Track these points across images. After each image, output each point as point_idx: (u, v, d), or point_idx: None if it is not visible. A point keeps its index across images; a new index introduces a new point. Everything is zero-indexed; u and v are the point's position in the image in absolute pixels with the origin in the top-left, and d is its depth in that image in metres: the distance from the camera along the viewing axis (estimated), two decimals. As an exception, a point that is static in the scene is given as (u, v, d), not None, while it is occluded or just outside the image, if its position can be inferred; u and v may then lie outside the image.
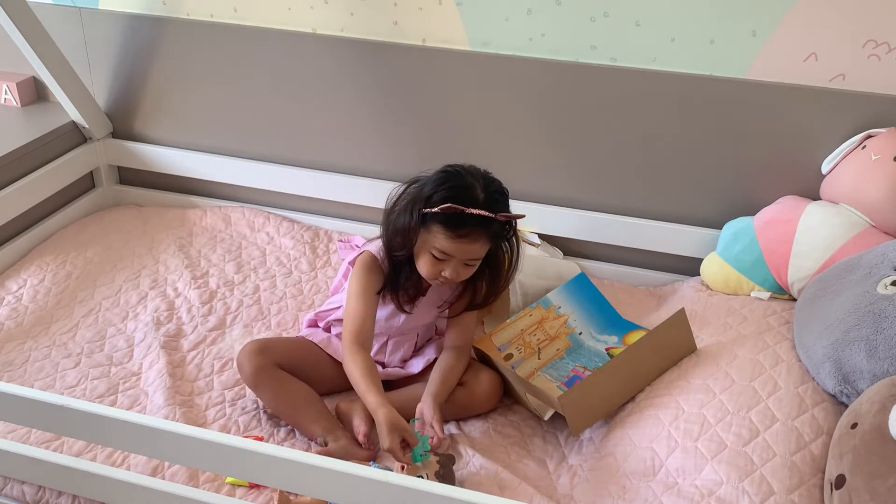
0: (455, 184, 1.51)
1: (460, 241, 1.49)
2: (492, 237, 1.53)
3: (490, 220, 1.49)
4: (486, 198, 1.50)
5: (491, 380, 1.63)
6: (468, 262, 1.53)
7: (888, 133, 1.73)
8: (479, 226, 1.49)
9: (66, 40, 2.19)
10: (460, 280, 1.56)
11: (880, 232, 1.72)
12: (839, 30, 1.74)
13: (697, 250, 1.96)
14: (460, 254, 1.51)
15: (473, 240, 1.50)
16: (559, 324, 1.75)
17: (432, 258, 1.52)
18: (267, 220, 2.25)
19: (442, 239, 1.49)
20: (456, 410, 1.60)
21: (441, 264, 1.52)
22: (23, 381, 1.69)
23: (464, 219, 1.48)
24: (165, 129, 2.31)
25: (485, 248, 1.54)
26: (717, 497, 1.30)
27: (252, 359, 1.56)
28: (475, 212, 1.47)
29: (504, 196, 1.55)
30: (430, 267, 1.53)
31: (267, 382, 1.56)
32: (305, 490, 1.23)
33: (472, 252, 1.52)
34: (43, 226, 2.19)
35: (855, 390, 1.42)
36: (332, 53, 2.06)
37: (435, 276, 1.54)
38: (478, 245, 1.51)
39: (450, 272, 1.52)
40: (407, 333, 1.69)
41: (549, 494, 1.43)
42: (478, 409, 1.62)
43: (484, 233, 1.50)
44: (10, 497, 1.44)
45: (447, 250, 1.50)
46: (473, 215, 1.47)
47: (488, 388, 1.62)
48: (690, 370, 1.54)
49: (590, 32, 1.88)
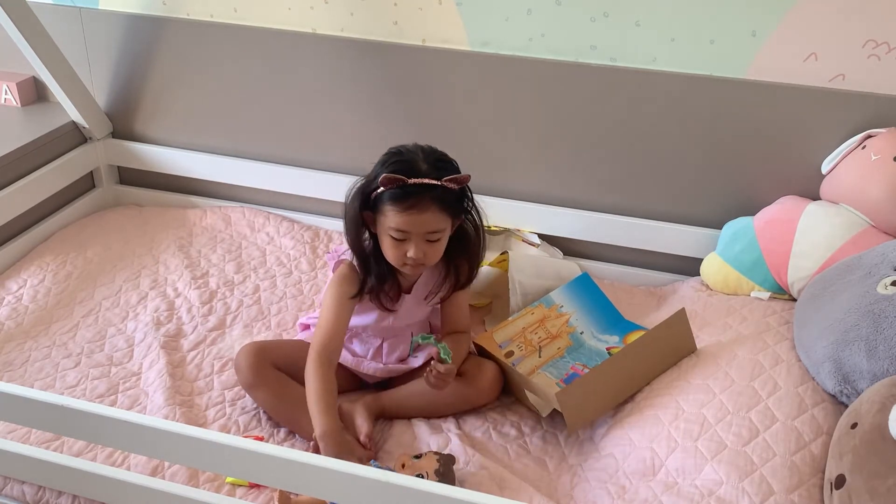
0: (396, 160, 1.51)
1: (410, 213, 1.46)
2: (444, 206, 1.50)
3: (436, 188, 1.47)
4: (429, 167, 1.49)
5: (493, 370, 1.63)
6: (429, 237, 1.50)
7: (888, 133, 1.73)
8: (425, 195, 1.47)
9: (66, 40, 2.19)
10: (430, 261, 1.53)
11: (880, 232, 1.72)
12: (839, 30, 1.74)
13: (697, 250, 1.96)
14: (414, 227, 1.48)
15: (422, 209, 1.47)
16: (561, 322, 1.75)
17: (392, 240, 1.50)
18: (267, 220, 2.25)
19: (393, 216, 1.48)
20: (458, 402, 1.60)
21: (402, 245, 1.50)
22: (23, 381, 1.69)
23: (409, 191, 1.46)
24: (165, 129, 2.31)
25: (441, 220, 1.50)
26: (717, 497, 1.30)
27: (249, 360, 1.57)
28: (416, 180, 1.46)
29: (448, 163, 1.53)
30: (394, 250, 1.51)
31: (264, 384, 1.56)
32: (306, 490, 1.23)
33: (426, 223, 1.48)
34: (43, 226, 2.19)
35: (855, 390, 1.42)
36: (332, 53, 2.06)
37: (401, 260, 1.52)
38: (429, 215, 1.48)
39: (413, 251, 1.49)
40: (400, 335, 1.69)
41: (549, 494, 1.43)
42: (480, 399, 1.62)
43: (433, 202, 1.47)
44: (10, 497, 1.44)
45: (400, 226, 1.47)
46: (417, 185, 1.46)
47: (491, 378, 1.62)
48: (690, 370, 1.54)
49: (590, 32, 1.88)
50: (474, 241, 1.62)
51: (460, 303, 1.69)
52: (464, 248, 1.61)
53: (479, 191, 2.07)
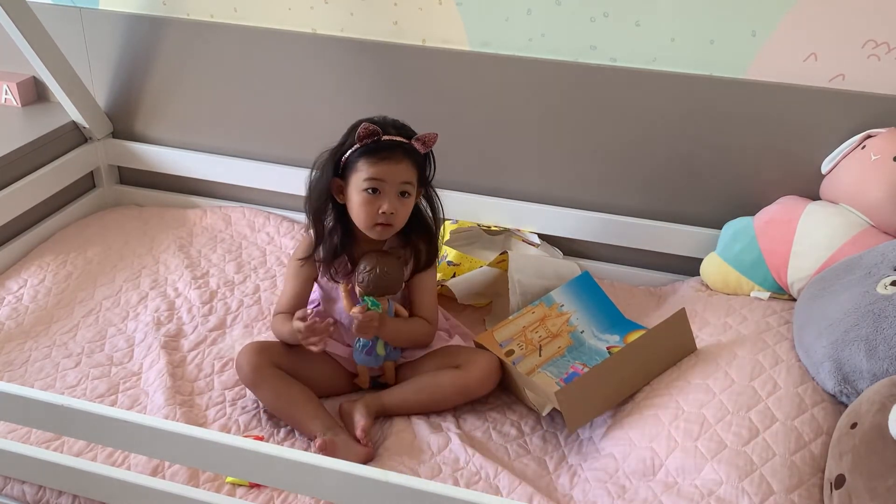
0: (366, 121, 1.59)
1: (386, 162, 1.55)
2: (414, 162, 1.58)
3: (407, 144, 1.57)
4: (397, 131, 1.59)
5: (487, 359, 1.61)
6: (402, 188, 1.57)
7: (888, 133, 1.73)
8: (398, 148, 1.56)
9: (66, 40, 2.19)
10: (398, 221, 1.59)
11: (880, 232, 1.72)
12: (839, 30, 1.74)
13: (697, 250, 1.96)
14: (389, 175, 1.55)
15: (398, 160, 1.55)
16: (561, 321, 1.75)
17: (365, 196, 1.56)
18: (267, 220, 2.25)
19: (367, 166, 1.55)
20: (455, 394, 1.60)
21: (377, 199, 1.56)
22: (23, 381, 1.69)
23: (382, 144, 1.56)
24: (165, 129, 2.31)
25: (412, 174, 1.58)
26: (717, 497, 1.30)
27: (251, 359, 1.57)
28: (389, 137, 1.55)
29: (409, 129, 1.62)
30: (367, 206, 1.56)
31: (266, 382, 1.57)
32: (306, 490, 1.23)
33: (400, 173, 1.56)
34: (43, 226, 2.19)
35: (855, 390, 1.42)
36: (332, 53, 2.06)
37: (373, 219, 1.57)
38: (403, 166, 1.56)
39: (387, 204, 1.55)
40: None
41: (548, 494, 1.43)
42: (477, 389, 1.61)
43: (405, 155, 1.56)
44: (10, 497, 1.44)
45: (377, 174, 1.55)
46: (389, 140, 1.56)
47: (485, 366, 1.60)
48: (690, 370, 1.54)
49: (590, 32, 1.88)
50: (430, 218, 1.68)
51: (424, 286, 1.70)
52: (421, 224, 1.67)
53: (479, 191, 2.09)
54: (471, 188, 2.09)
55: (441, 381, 1.59)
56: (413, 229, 1.66)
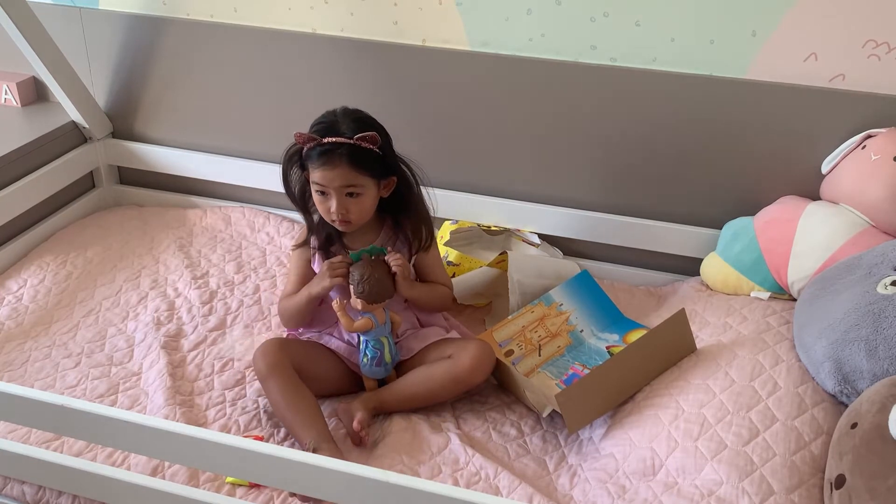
0: (318, 121, 1.63)
1: (323, 168, 1.58)
2: (355, 162, 1.57)
3: (347, 146, 1.57)
4: (346, 127, 1.59)
5: (476, 346, 1.61)
6: (347, 190, 1.58)
7: (888, 133, 1.73)
8: (335, 151, 1.57)
9: (66, 40, 2.20)
10: (355, 217, 1.61)
11: (880, 232, 1.72)
12: (839, 30, 1.74)
13: (697, 250, 1.96)
14: (328, 181, 1.58)
15: (334, 165, 1.57)
16: (561, 321, 1.75)
17: (318, 195, 1.62)
18: (267, 220, 2.25)
19: (313, 171, 1.60)
20: (449, 383, 1.59)
21: (326, 200, 1.61)
22: (23, 381, 1.69)
23: (323, 148, 1.57)
24: (165, 129, 2.31)
25: (354, 176, 1.58)
26: (717, 497, 1.30)
27: (271, 354, 1.58)
28: (329, 139, 1.56)
29: (368, 125, 1.61)
30: (321, 205, 1.63)
31: (277, 379, 1.56)
32: (305, 490, 1.23)
33: (338, 177, 1.57)
34: (43, 226, 2.19)
35: (855, 390, 1.42)
36: (332, 53, 2.06)
37: (328, 216, 1.62)
38: (340, 171, 1.57)
39: (335, 205, 1.59)
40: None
41: (548, 494, 1.43)
42: (469, 377, 1.59)
43: (342, 158, 1.56)
44: (10, 497, 1.44)
45: (318, 180, 1.59)
46: (330, 142, 1.57)
47: (474, 353, 1.59)
48: (690, 370, 1.54)
49: (590, 32, 1.88)
50: (410, 198, 1.68)
51: (430, 262, 1.74)
52: (403, 206, 1.68)
53: (479, 191, 2.09)
54: (471, 188, 2.09)
55: (433, 373, 1.60)
56: (394, 210, 1.70)
